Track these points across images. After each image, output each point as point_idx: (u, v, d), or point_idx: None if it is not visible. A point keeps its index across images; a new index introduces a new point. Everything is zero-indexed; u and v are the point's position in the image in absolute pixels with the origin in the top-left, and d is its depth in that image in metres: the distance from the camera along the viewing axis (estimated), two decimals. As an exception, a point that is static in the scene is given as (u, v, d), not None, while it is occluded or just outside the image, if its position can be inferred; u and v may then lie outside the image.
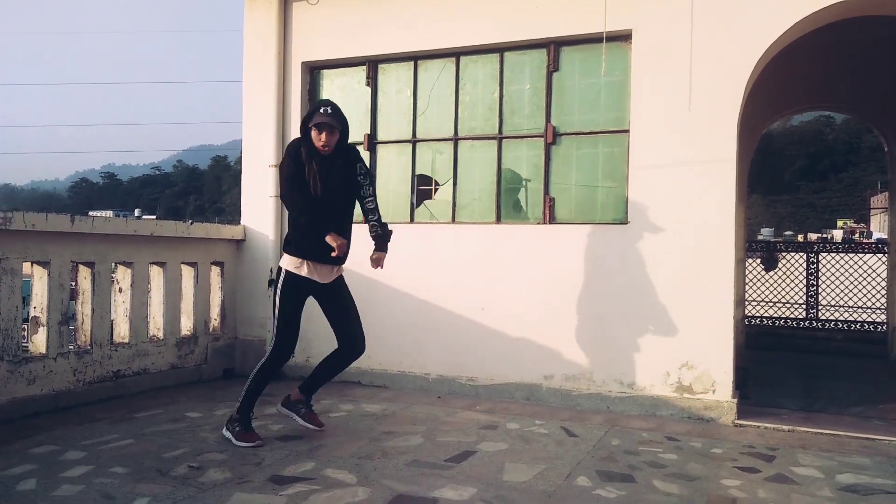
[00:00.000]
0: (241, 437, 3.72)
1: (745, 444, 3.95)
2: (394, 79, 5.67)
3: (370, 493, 3.03)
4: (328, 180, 3.77)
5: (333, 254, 3.72)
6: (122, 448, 3.63)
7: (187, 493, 2.99)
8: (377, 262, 3.98)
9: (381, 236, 3.93)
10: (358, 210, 4.00)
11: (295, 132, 5.85)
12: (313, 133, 3.75)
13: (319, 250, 3.74)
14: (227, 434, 3.79)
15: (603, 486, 3.17)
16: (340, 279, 3.98)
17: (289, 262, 3.82)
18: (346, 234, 3.85)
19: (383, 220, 3.99)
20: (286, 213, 5.83)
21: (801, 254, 9.05)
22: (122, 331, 5.11)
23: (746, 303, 8.86)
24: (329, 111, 3.74)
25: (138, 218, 6.12)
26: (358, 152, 4.03)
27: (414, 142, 5.58)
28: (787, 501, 3.03)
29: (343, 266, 3.97)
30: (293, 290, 3.82)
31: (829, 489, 3.21)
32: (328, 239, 3.70)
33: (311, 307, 5.70)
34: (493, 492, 3.07)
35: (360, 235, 4.14)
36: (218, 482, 3.12)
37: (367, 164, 5.68)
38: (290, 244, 3.84)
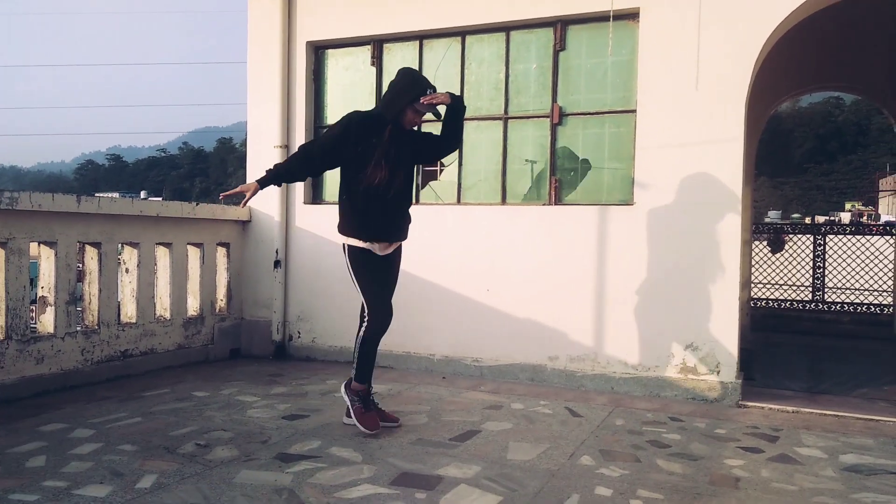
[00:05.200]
0: (361, 418, 3.62)
1: (749, 425, 3.97)
2: (399, 58, 5.63)
3: (375, 470, 3.05)
4: (398, 158, 3.61)
5: (223, 195, 3.70)
6: (131, 426, 3.67)
7: (195, 470, 3.02)
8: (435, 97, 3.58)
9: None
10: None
11: (300, 112, 5.85)
12: (409, 113, 3.59)
13: (375, 230, 3.64)
14: (346, 400, 3.74)
15: (606, 466, 3.19)
16: (397, 252, 3.83)
17: (350, 240, 3.69)
18: (402, 213, 3.73)
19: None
20: (291, 193, 5.88)
21: (808, 236, 9.01)
22: (129, 311, 5.14)
23: (752, 285, 8.83)
24: (434, 93, 3.59)
25: (144, 199, 6.14)
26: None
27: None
28: (790, 481, 3.05)
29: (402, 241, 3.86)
30: (361, 260, 3.68)
31: (833, 469, 3.22)
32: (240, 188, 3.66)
33: (315, 285, 5.74)
34: (497, 470, 3.10)
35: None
36: (225, 460, 3.16)
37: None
38: (347, 228, 3.67)
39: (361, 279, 3.68)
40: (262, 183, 3.66)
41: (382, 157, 3.55)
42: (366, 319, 3.69)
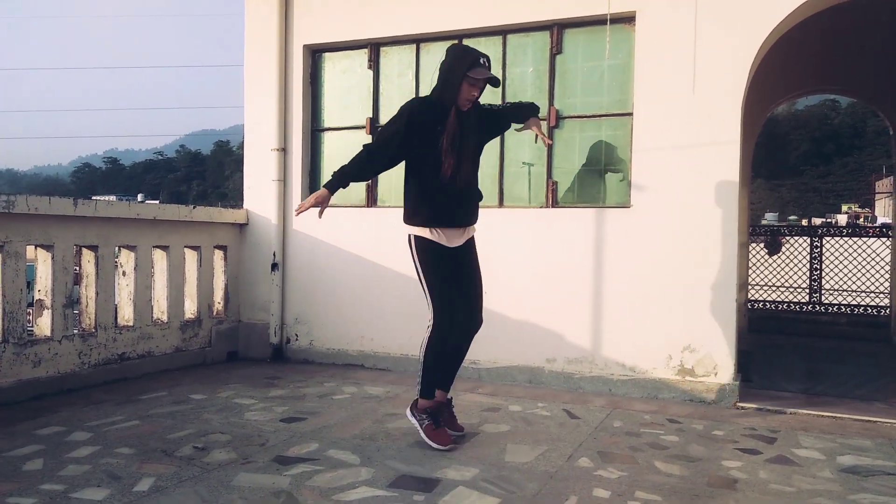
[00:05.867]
0: (432, 435, 3.41)
1: (747, 427, 3.97)
2: (396, 62, 5.64)
3: (373, 473, 3.05)
4: (464, 144, 3.44)
5: (298, 213, 3.45)
6: (128, 429, 3.66)
7: (192, 473, 3.01)
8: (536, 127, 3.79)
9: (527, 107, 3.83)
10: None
11: (297, 115, 5.85)
12: (465, 86, 3.36)
13: (444, 215, 3.44)
14: (414, 421, 3.49)
15: (604, 468, 3.19)
16: (470, 243, 3.59)
17: (417, 229, 3.47)
18: (472, 197, 3.55)
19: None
20: (288, 196, 5.87)
21: (805, 238, 9.03)
22: (126, 314, 5.14)
23: (749, 287, 8.85)
24: (488, 63, 3.39)
25: (141, 202, 6.13)
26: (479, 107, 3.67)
27: (416, 125, 5.55)
28: (788, 482, 3.05)
29: (474, 227, 3.63)
30: (430, 255, 3.44)
31: (830, 470, 3.22)
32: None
33: (313, 288, 5.74)
34: (496, 472, 3.10)
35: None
36: (223, 462, 3.15)
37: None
38: (414, 216, 3.46)
39: (429, 275, 3.44)
40: (331, 188, 3.43)
41: (450, 145, 3.38)
42: (429, 324, 3.48)
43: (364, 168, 3.51)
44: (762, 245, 9.15)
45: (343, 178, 3.46)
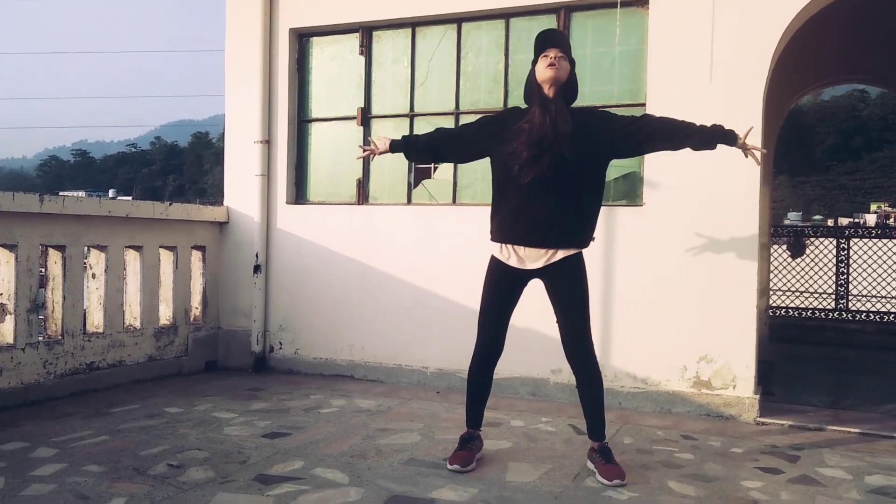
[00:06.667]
0: (450, 458, 3.43)
1: (768, 444, 3.97)
2: (390, 47, 5.64)
3: (363, 493, 3.05)
4: (550, 141, 3.22)
5: (359, 156, 3.84)
6: (97, 445, 3.65)
7: (167, 493, 3.01)
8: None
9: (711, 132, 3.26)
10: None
11: (282, 104, 5.85)
12: (539, 65, 3.32)
13: (513, 230, 3.36)
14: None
15: (614, 488, 3.19)
16: (566, 265, 3.36)
17: (493, 245, 3.49)
18: (553, 211, 3.28)
19: None
20: (272, 193, 5.87)
21: (831, 239, 9.04)
22: (95, 320, 5.13)
23: (771, 292, 8.86)
24: (553, 34, 3.47)
25: (113, 199, 6.12)
26: (597, 112, 3.63)
27: (411, 116, 5.56)
28: (811, 504, 3.05)
29: (571, 249, 3.35)
30: (490, 274, 3.50)
31: (858, 492, 3.22)
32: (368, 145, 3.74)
33: (298, 292, 5.73)
34: (496, 493, 3.09)
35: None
36: (199, 482, 3.15)
37: (361, 140, 5.67)
38: (491, 226, 3.50)
39: (483, 293, 3.52)
40: (393, 146, 3.76)
41: (525, 136, 3.25)
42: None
43: (432, 140, 3.72)
44: (785, 247, 9.16)
45: (408, 143, 3.77)
